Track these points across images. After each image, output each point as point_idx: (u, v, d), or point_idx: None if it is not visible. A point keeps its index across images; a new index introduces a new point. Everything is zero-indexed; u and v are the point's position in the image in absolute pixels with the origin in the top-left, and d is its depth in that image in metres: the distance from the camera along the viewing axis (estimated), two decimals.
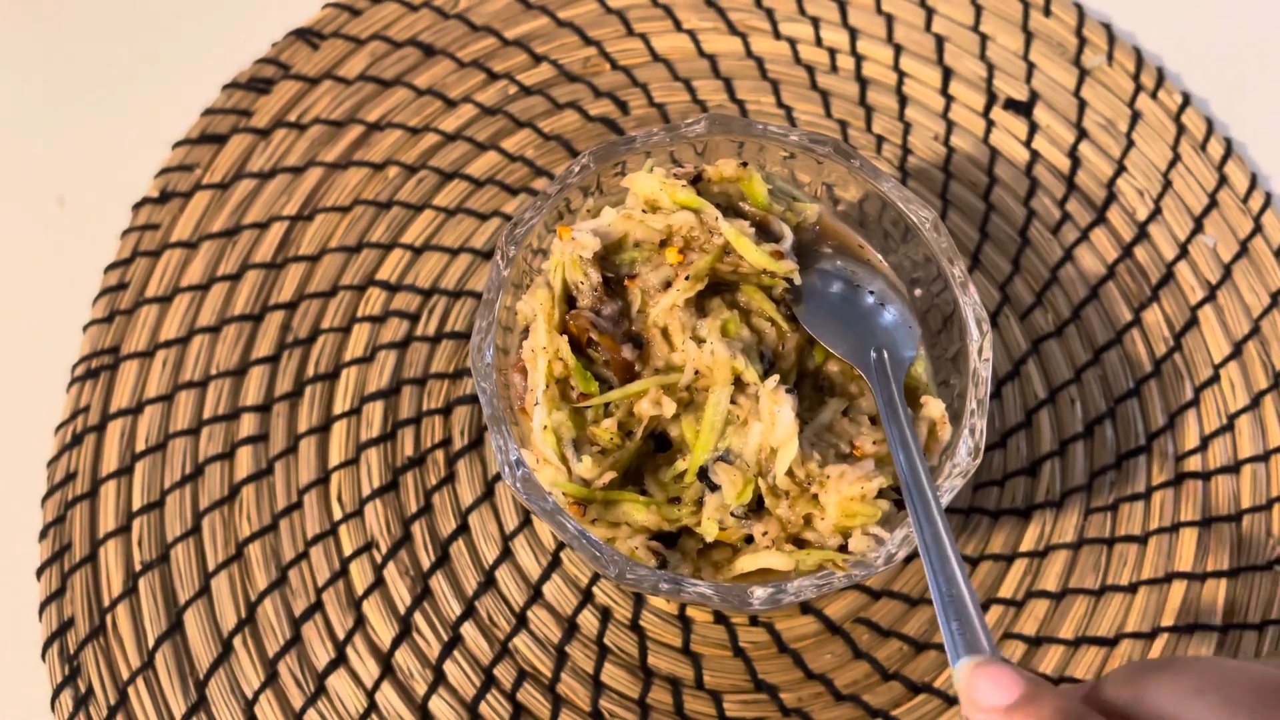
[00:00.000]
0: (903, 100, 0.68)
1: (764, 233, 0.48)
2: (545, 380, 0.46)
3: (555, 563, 0.58)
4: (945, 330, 0.51)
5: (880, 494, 0.45)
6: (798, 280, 0.48)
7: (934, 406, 0.47)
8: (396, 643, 0.56)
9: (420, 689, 0.55)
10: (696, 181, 0.48)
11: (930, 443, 0.46)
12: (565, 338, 0.46)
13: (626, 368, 0.46)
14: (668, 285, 0.47)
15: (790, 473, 0.44)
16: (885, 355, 0.47)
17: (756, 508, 0.46)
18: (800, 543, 0.46)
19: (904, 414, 0.45)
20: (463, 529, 0.59)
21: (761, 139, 0.50)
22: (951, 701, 0.56)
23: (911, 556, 0.58)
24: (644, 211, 0.47)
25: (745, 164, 0.48)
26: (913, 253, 0.52)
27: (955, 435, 0.46)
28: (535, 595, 0.57)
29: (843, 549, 0.45)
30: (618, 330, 0.46)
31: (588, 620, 0.57)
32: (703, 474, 0.46)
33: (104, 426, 0.60)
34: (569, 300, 0.47)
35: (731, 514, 0.46)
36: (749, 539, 0.46)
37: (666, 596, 0.44)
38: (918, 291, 0.52)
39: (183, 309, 0.63)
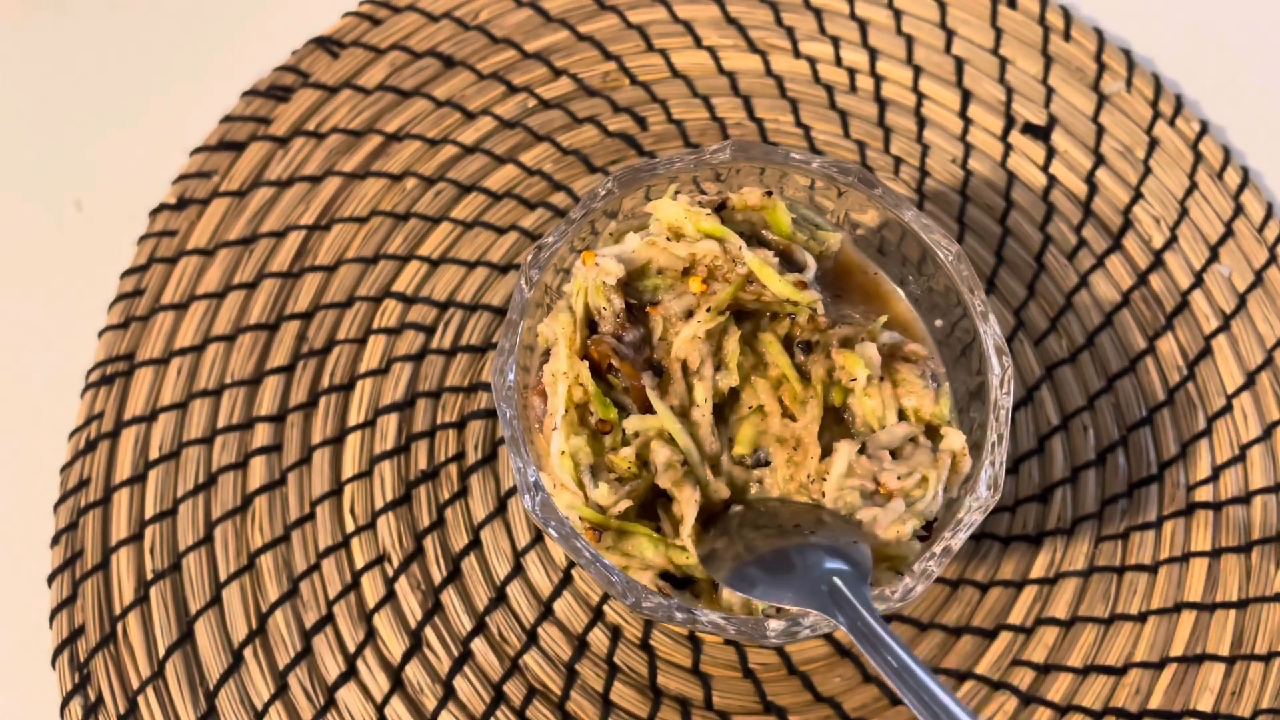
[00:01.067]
0: (921, 122, 0.68)
1: (787, 262, 0.48)
2: (565, 405, 0.46)
3: (566, 580, 0.58)
4: (964, 359, 0.51)
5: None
6: (820, 311, 0.48)
7: (954, 438, 0.47)
8: (407, 657, 0.56)
9: (430, 704, 0.56)
10: (720, 209, 0.48)
11: (950, 475, 0.46)
12: (586, 363, 0.46)
13: (645, 396, 0.46)
14: (689, 314, 0.47)
15: None
16: (840, 582, 0.42)
17: None
18: None
19: (888, 635, 0.40)
20: (475, 544, 0.59)
21: (784, 166, 0.50)
22: None
23: None
24: (668, 239, 0.47)
25: (770, 193, 0.48)
26: (933, 281, 0.52)
27: (975, 467, 0.46)
28: (546, 612, 0.58)
29: None
30: (639, 357, 0.46)
31: (598, 638, 0.57)
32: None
33: (118, 433, 0.60)
34: (590, 325, 0.47)
35: None
36: None
37: (681, 626, 0.44)
38: (938, 322, 0.52)
39: (198, 316, 0.62)
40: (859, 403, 0.47)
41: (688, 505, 0.45)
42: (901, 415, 0.47)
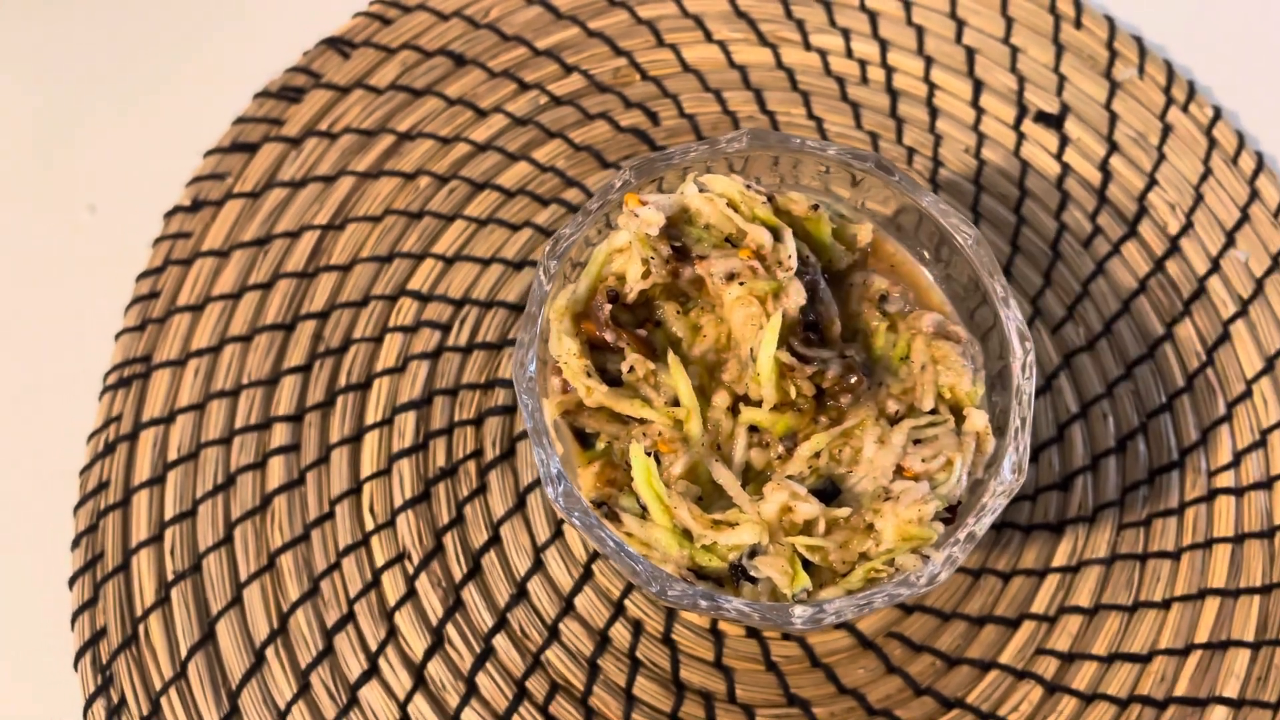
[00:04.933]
0: (933, 112, 0.68)
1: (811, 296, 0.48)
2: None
3: (587, 575, 0.58)
4: (983, 345, 0.51)
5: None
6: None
7: (978, 418, 0.46)
8: (429, 654, 0.56)
9: (453, 701, 0.55)
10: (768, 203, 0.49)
11: (975, 457, 0.46)
12: (575, 341, 0.47)
13: (648, 351, 0.46)
14: (732, 278, 0.46)
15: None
16: None
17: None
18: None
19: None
20: (494, 540, 0.58)
21: (800, 153, 0.50)
22: (984, 717, 0.56)
23: None
24: (727, 204, 0.47)
25: (816, 206, 0.49)
26: (951, 269, 0.52)
27: (999, 449, 0.46)
28: (567, 607, 0.57)
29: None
30: (635, 318, 0.47)
31: (620, 633, 0.57)
32: (737, 571, 0.46)
33: (136, 435, 0.60)
34: (611, 294, 0.47)
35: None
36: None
37: (705, 614, 0.44)
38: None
39: (214, 318, 0.62)
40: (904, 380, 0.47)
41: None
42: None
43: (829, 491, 0.46)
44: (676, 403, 0.47)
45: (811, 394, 0.46)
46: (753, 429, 0.47)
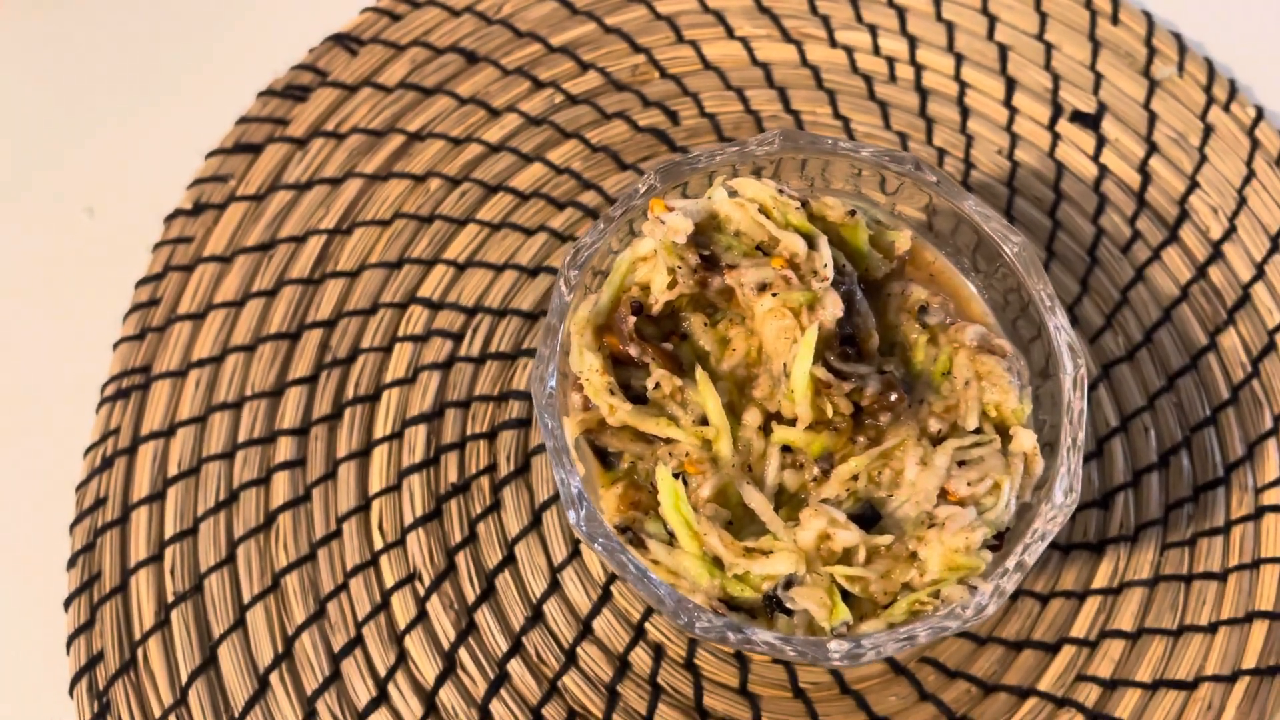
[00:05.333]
0: (964, 112, 0.66)
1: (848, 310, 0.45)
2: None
3: (606, 596, 0.55)
4: (1028, 356, 0.48)
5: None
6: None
7: (1025, 438, 0.44)
8: (440, 680, 0.54)
9: None
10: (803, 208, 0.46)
11: (1023, 478, 0.44)
12: (598, 357, 0.44)
13: (674, 366, 0.44)
14: (764, 288, 0.44)
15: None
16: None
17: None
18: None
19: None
20: (509, 560, 0.56)
21: (833, 155, 0.48)
22: None
23: None
24: (759, 210, 0.45)
25: (853, 212, 0.46)
26: (991, 278, 0.49)
27: (1049, 471, 0.43)
28: (585, 631, 0.55)
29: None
30: (660, 331, 0.44)
31: (640, 658, 0.54)
32: (771, 602, 0.43)
33: (135, 449, 0.58)
34: (635, 305, 0.45)
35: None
36: None
37: (736, 647, 0.42)
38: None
39: (216, 326, 0.60)
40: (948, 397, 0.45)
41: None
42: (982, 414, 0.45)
43: (868, 517, 0.43)
44: (705, 421, 0.44)
45: (849, 412, 0.43)
46: (786, 449, 0.44)
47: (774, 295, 0.43)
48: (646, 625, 0.55)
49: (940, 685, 0.54)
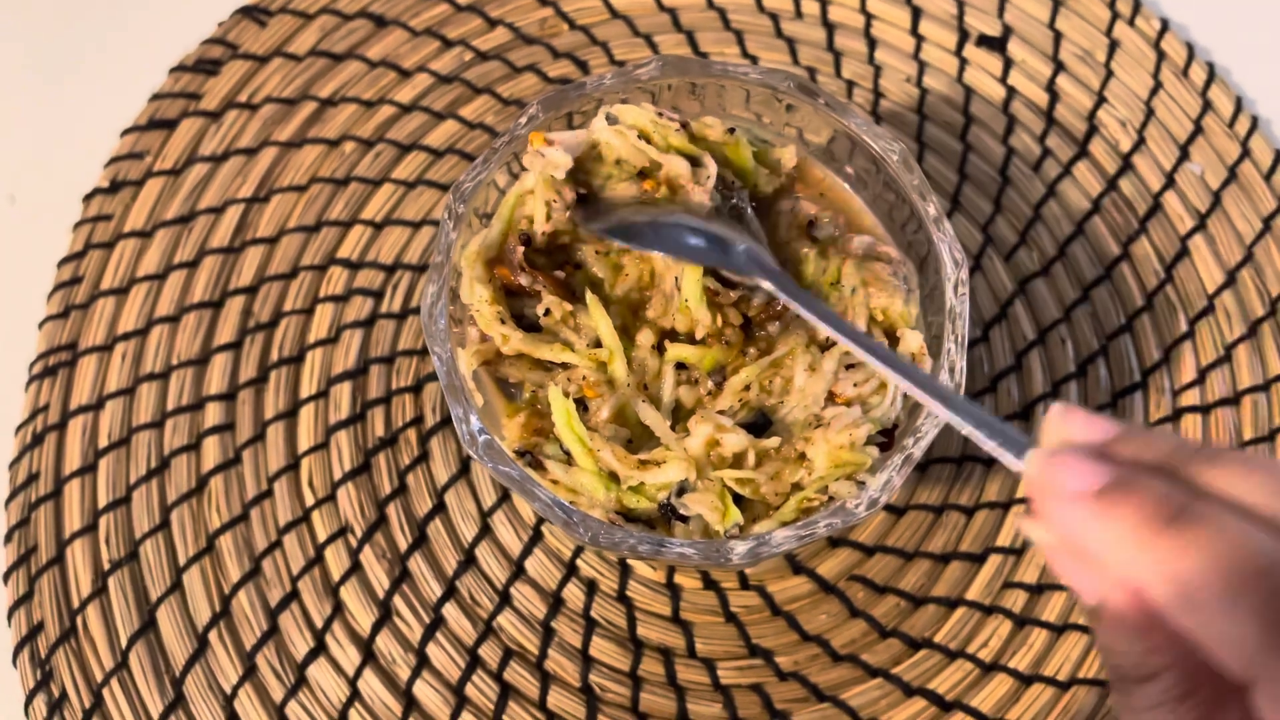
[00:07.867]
0: (872, 43, 0.66)
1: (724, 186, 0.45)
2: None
3: (537, 537, 0.56)
4: (922, 271, 0.49)
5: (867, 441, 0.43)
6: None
7: (911, 339, 0.45)
8: (377, 628, 0.54)
9: (404, 674, 0.54)
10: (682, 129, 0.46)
11: None
12: (489, 288, 0.45)
13: (566, 292, 0.44)
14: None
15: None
16: (758, 250, 0.43)
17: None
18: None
19: (814, 302, 0.42)
20: (439, 508, 0.57)
21: (721, 79, 0.48)
22: (953, 655, 0.54)
23: (893, 508, 0.56)
24: (639, 136, 0.45)
25: (732, 130, 0.46)
26: (888, 194, 0.50)
27: (934, 371, 0.44)
28: (518, 571, 0.56)
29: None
30: (554, 262, 0.45)
31: (573, 594, 0.55)
32: (666, 510, 0.44)
33: (65, 424, 0.58)
34: (523, 235, 0.45)
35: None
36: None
37: (644, 558, 0.42)
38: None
39: (140, 300, 0.61)
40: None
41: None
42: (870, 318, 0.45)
43: (760, 424, 0.44)
44: (599, 345, 0.45)
45: (738, 323, 0.44)
46: (680, 366, 0.45)
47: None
48: (578, 562, 0.56)
49: (870, 601, 0.55)
